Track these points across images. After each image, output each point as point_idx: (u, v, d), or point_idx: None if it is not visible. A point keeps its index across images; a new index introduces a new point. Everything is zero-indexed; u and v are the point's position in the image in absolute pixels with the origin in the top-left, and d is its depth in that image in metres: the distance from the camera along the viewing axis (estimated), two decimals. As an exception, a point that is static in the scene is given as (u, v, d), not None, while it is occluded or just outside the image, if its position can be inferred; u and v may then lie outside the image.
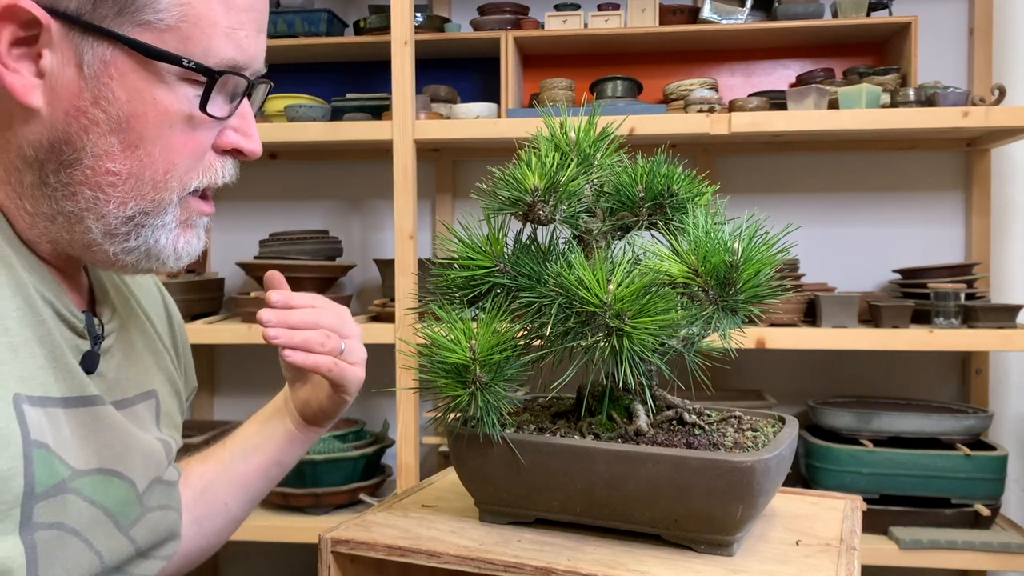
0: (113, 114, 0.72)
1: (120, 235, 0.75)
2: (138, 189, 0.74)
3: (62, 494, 0.73)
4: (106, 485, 0.79)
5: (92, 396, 0.79)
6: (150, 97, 0.73)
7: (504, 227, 0.78)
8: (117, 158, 0.73)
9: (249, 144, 0.79)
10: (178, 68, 0.72)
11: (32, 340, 0.74)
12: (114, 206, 0.74)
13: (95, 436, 0.79)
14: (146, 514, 0.84)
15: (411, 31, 1.95)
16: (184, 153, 0.75)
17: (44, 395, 0.74)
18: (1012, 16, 2.18)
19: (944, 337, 1.88)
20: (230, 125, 0.78)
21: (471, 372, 0.71)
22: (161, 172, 0.74)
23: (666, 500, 0.69)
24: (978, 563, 1.89)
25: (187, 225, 0.78)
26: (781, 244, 0.70)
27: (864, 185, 2.30)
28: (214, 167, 0.78)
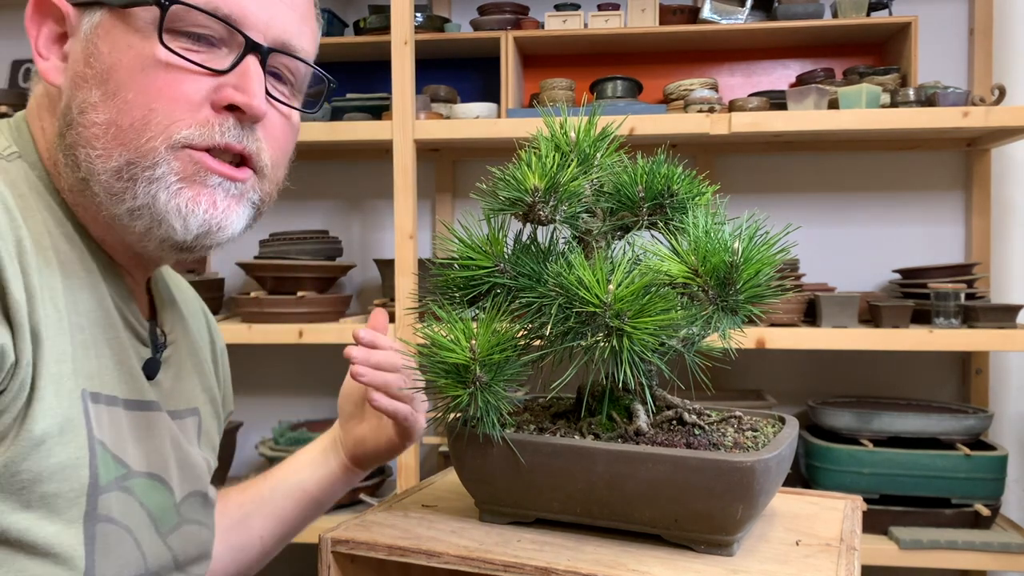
0: (97, 68, 0.74)
1: (117, 193, 0.74)
2: (119, 137, 0.73)
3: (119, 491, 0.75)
4: (152, 489, 0.80)
5: (150, 401, 0.82)
6: (125, 44, 0.74)
7: (504, 227, 0.78)
8: (99, 108, 0.73)
9: (243, 97, 0.75)
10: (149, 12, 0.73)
11: (102, 341, 0.76)
12: (102, 160, 0.73)
13: (148, 440, 0.81)
14: (183, 524, 0.85)
15: (411, 31, 1.95)
16: (162, 98, 0.73)
17: (110, 394, 0.76)
18: (1012, 16, 2.18)
19: (944, 337, 1.88)
20: (229, 83, 0.75)
21: (471, 372, 0.71)
22: (139, 117, 0.73)
23: (666, 500, 0.69)
24: (978, 563, 1.89)
25: (193, 182, 0.74)
26: (781, 244, 0.70)
27: (864, 185, 2.30)
28: (209, 122, 0.74)
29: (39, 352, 0.69)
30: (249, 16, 0.76)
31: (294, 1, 0.80)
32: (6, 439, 0.67)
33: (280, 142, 0.81)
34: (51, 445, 0.69)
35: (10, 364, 0.67)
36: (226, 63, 0.75)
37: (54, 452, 0.69)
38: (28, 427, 0.67)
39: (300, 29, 0.81)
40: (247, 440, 2.41)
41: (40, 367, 0.69)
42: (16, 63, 2.61)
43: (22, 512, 0.68)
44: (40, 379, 0.68)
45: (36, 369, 0.68)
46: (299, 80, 0.84)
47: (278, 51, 0.79)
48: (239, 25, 0.75)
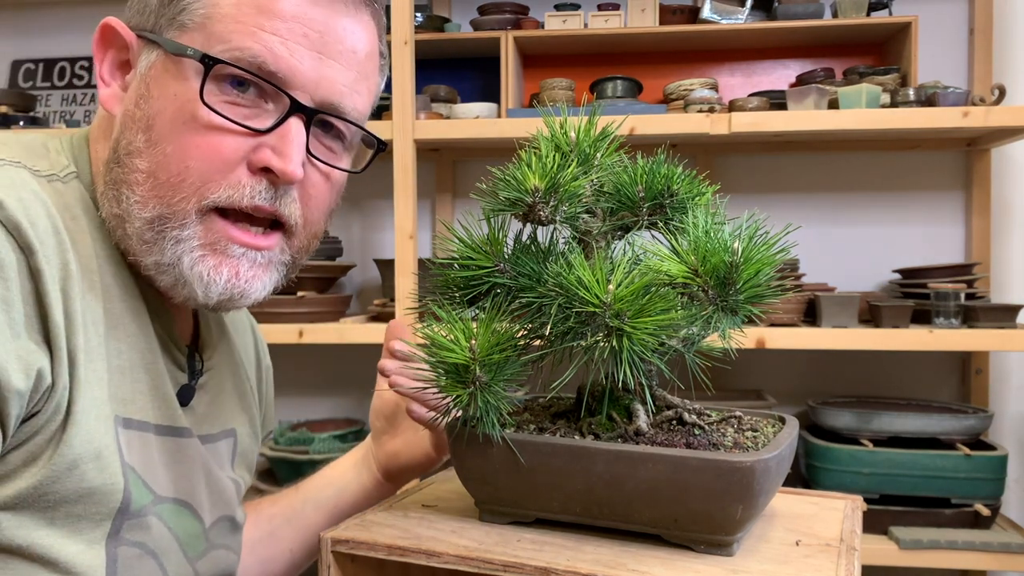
0: (145, 111, 0.74)
1: (148, 242, 0.74)
2: (156, 190, 0.73)
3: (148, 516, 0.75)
4: (180, 515, 0.80)
5: (181, 428, 0.82)
6: (171, 92, 0.73)
7: (504, 227, 0.78)
8: (143, 154, 0.73)
9: (279, 162, 0.73)
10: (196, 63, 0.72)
11: (140, 366, 0.76)
12: (139, 207, 0.74)
13: (177, 466, 0.81)
14: (211, 550, 0.86)
15: (411, 31, 1.95)
16: (197, 156, 0.72)
17: (142, 419, 0.76)
18: (1012, 16, 2.18)
19: (944, 337, 1.88)
20: (267, 143, 0.74)
21: (471, 372, 0.71)
22: (175, 173, 0.72)
23: (666, 500, 0.69)
24: (978, 563, 1.89)
25: (215, 251, 0.74)
26: (781, 244, 0.70)
27: (864, 185, 2.30)
28: (242, 183, 0.73)
29: (75, 376, 0.69)
30: (298, 76, 0.74)
31: (352, 59, 0.78)
32: (39, 460, 0.67)
33: (317, 201, 0.80)
34: (85, 469, 0.69)
35: (47, 386, 0.67)
36: (269, 121, 0.74)
37: (87, 476, 0.69)
38: (62, 451, 0.68)
39: (354, 88, 0.78)
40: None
41: (76, 391, 0.69)
42: (16, 63, 2.61)
43: (47, 529, 0.68)
44: (76, 403, 0.69)
45: (72, 393, 0.69)
46: (350, 136, 0.81)
47: (325, 113, 0.77)
48: (285, 86, 0.74)
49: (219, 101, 0.73)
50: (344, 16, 0.76)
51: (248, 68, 0.73)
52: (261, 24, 0.73)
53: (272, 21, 0.73)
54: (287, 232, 0.78)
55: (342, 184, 0.84)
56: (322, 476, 1.07)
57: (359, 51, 0.78)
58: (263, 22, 0.73)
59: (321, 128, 0.79)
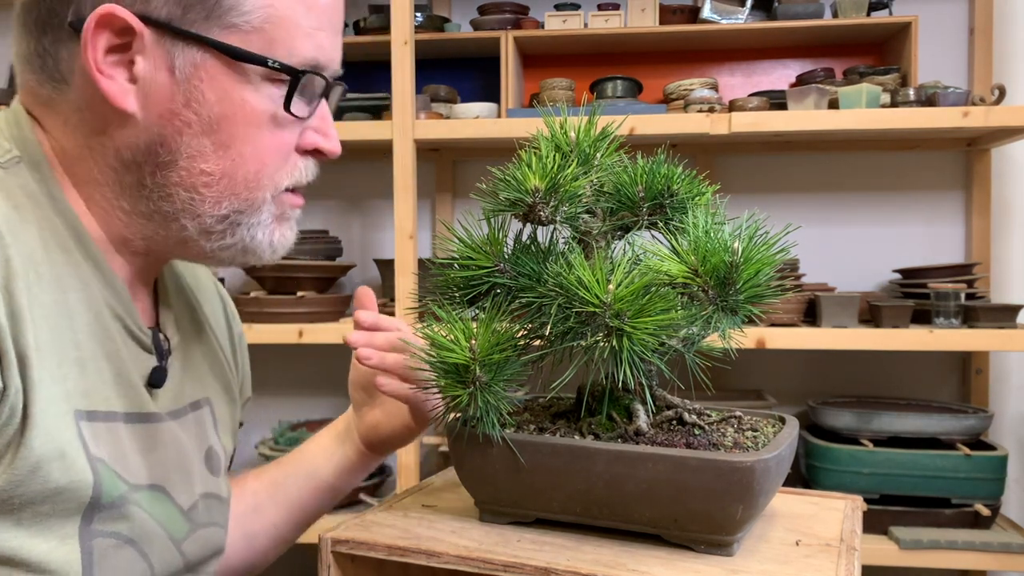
0: (204, 116, 0.74)
1: (216, 233, 0.77)
2: (231, 189, 0.76)
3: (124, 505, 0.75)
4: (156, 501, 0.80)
5: (151, 413, 0.81)
6: (239, 98, 0.75)
7: (504, 227, 0.78)
8: (210, 159, 0.75)
9: (329, 144, 0.81)
10: (263, 69, 0.74)
11: (100, 355, 0.75)
12: (209, 206, 0.76)
13: (150, 453, 0.80)
14: (197, 529, 0.85)
15: (411, 31, 1.95)
16: (272, 152, 0.77)
17: (108, 410, 0.75)
18: (1012, 16, 2.18)
19: (944, 337, 1.88)
20: (310, 126, 0.80)
21: (471, 372, 0.71)
22: (253, 172, 0.76)
23: (666, 500, 0.69)
24: (978, 563, 1.89)
25: (282, 219, 0.81)
26: (781, 244, 0.70)
27: (864, 185, 2.30)
28: (299, 167, 0.80)
29: (28, 377, 0.67)
30: (333, 62, 0.80)
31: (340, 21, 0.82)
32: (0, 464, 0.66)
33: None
34: (49, 470, 0.68)
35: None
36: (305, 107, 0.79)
37: (52, 477, 0.68)
38: (23, 454, 0.66)
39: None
40: (247, 440, 2.41)
41: (31, 392, 0.67)
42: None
43: (14, 530, 0.67)
44: (32, 405, 0.67)
45: (27, 395, 0.67)
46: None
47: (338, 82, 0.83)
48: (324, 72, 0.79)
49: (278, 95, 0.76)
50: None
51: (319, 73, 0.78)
52: (311, 23, 0.76)
53: (319, 17, 0.77)
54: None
55: None
56: (304, 450, 1.06)
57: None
58: (312, 20, 0.77)
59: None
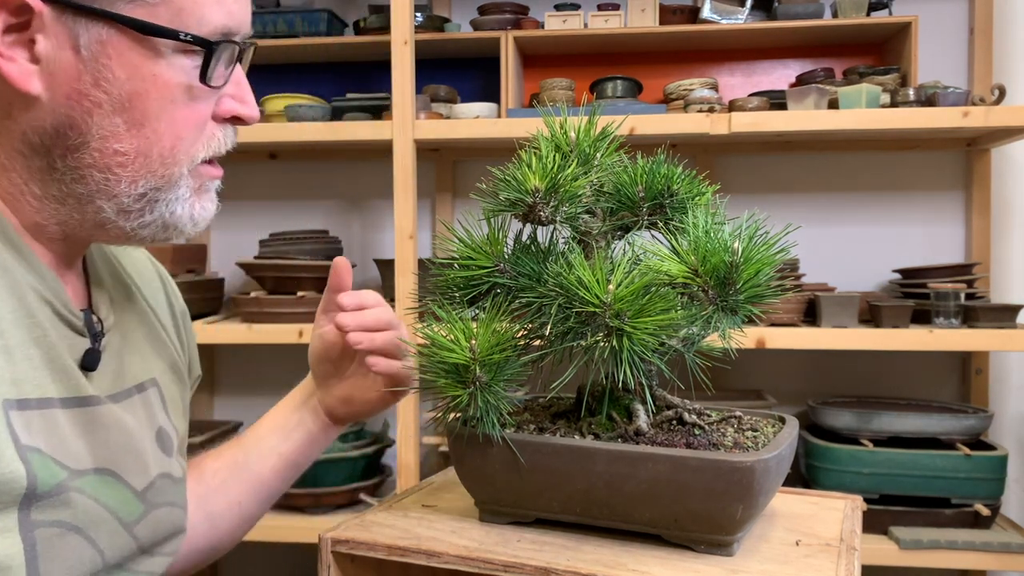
0: (115, 94, 0.72)
1: (134, 211, 0.75)
2: (147, 167, 0.74)
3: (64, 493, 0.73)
4: (104, 485, 0.78)
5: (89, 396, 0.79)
6: (149, 73, 0.72)
7: (504, 227, 0.78)
8: (123, 138, 0.73)
9: (246, 110, 0.79)
10: (174, 42, 0.72)
11: (28, 342, 0.73)
12: (125, 185, 0.74)
13: (92, 436, 0.78)
14: (150, 511, 0.84)
15: (411, 31, 1.95)
16: (188, 126, 0.75)
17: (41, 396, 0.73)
18: (1012, 16, 2.18)
19: (944, 337, 1.88)
20: (226, 93, 0.78)
21: (471, 372, 0.71)
22: (168, 147, 0.74)
23: (666, 500, 0.69)
24: (978, 563, 1.89)
25: (201, 191, 0.79)
26: (781, 244, 0.70)
27: (864, 185, 2.30)
28: (216, 136, 0.77)
29: None
30: (244, 25, 0.77)
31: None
32: None
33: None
34: None
35: None
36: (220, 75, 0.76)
37: None
38: None
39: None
40: (247, 440, 2.41)
41: None
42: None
43: None
44: None
45: None
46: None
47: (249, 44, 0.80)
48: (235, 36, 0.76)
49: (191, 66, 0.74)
50: None
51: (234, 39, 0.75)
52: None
53: None
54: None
55: None
56: (262, 426, 1.06)
57: None
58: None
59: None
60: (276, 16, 2.23)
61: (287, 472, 1.05)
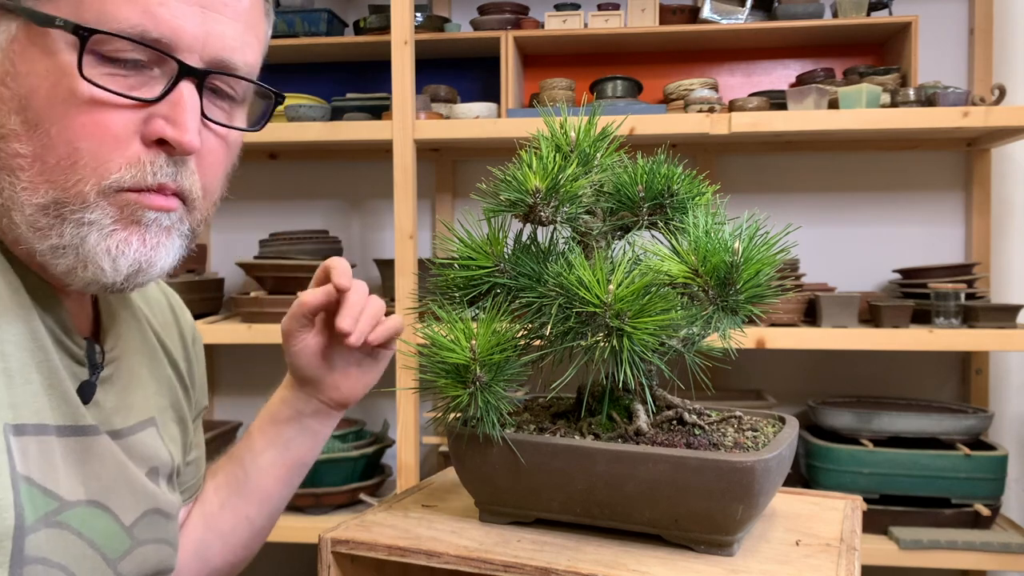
0: (16, 90, 0.67)
1: (42, 228, 0.68)
2: (45, 174, 0.67)
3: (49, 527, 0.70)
4: (93, 517, 0.76)
5: (86, 426, 0.76)
6: (43, 69, 0.67)
7: (504, 227, 0.78)
8: (22, 138, 0.67)
9: (174, 132, 0.67)
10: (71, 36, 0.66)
11: (30, 366, 0.71)
12: (27, 194, 0.67)
13: (85, 467, 0.76)
14: (137, 547, 0.81)
15: (411, 31, 1.95)
16: (85, 135, 0.67)
17: (39, 423, 0.71)
18: (1012, 16, 2.18)
19: (944, 337, 1.88)
20: (159, 113, 0.68)
21: (471, 372, 0.71)
22: (64, 156, 0.67)
23: (666, 500, 0.69)
24: (978, 563, 1.89)
25: (131, 223, 0.69)
26: (781, 244, 0.70)
27: (864, 185, 2.30)
28: (140, 160, 0.68)
29: None
30: (184, 37, 0.68)
31: (237, 8, 0.72)
32: None
33: (215, 167, 0.75)
34: None
35: None
36: (157, 89, 0.68)
37: None
38: None
39: (244, 40, 0.73)
40: (247, 440, 2.41)
41: None
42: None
43: None
44: None
45: None
46: (241, 92, 0.76)
47: (216, 72, 0.71)
48: (171, 49, 0.68)
49: (99, 74, 0.66)
50: None
51: (129, 36, 0.66)
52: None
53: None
54: (187, 205, 0.73)
55: (239, 144, 0.79)
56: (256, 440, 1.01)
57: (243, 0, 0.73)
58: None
59: (212, 89, 0.74)
60: (276, 16, 2.22)
61: (293, 476, 1.02)
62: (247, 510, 1.01)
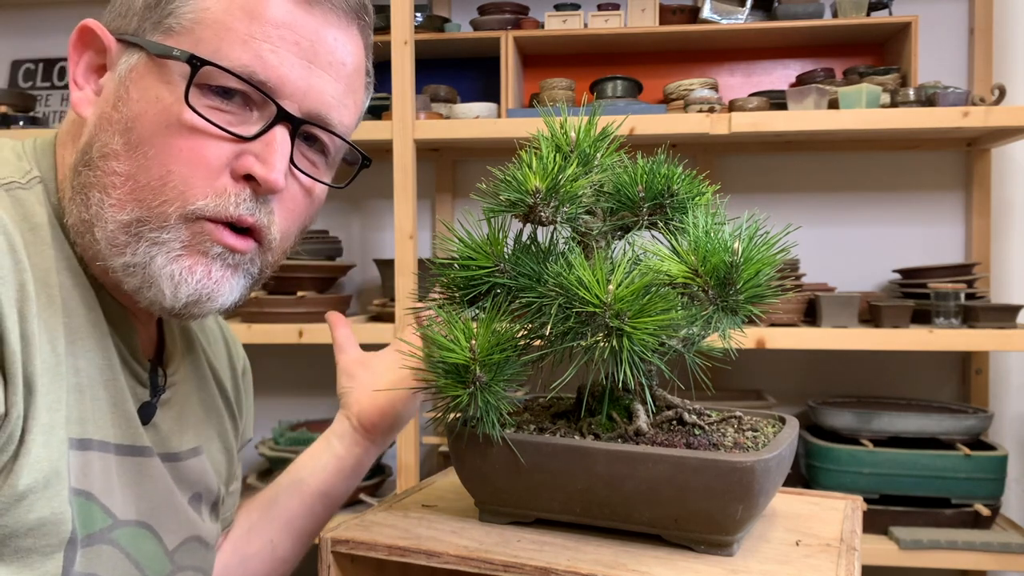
0: (124, 113, 0.71)
1: (119, 245, 0.71)
2: (135, 193, 0.71)
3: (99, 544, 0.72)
4: (141, 538, 0.78)
5: (143, 447, 0.79)
6: (154, 96, 0.71)
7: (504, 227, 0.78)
8: (121, 157, 0.71)
9: (262, 170, 0.71)
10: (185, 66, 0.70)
11: (99, 383, 0.74)
12: (114, 210, 0.71)
13: (138, 487, 0.78)
14: (177, 572, 0.83)
15: (411, 31, 1.95)
16: (181, 160, 0.70)
17: (102, 439, 0.74)
18: (1012, 16, 2.18)
19: (944, 337, 1.88)
20: (252, 151, 0.72)
21: (471, 372, 0.71)
22: (157, 177, 0.70)
23: (666, 500, 0.69)
24: (978, 563, 1.89)
25: (196, 251, 0.72)
26: (781, 244, 0.70)
27: (864, 185, 2.30)
28: (227, 191, 0.71)
29: (31, 402, 0.66)
30: (287, 85, 0.72)
31: (341, 71, 0.76)
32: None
33: (295, 214, 0.78)
34: (33, 500, 0.66)
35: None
36: (254, 128, 0.72)
37: (35, 507, 0.66)
38: (12, 482, 0.65)
39: (342, 101, 0.77)
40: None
41: (31, 418, 0.66)
42: (16, 63, 2.61)
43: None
44: (30, 432, 0.66)
45: (27, 421, 0.66)
46: (334, 149, 0.80)
47: (311, 123, 0.75)
48: (274, 94, 0.72)
49: (203, 106, 0.71)
50: (335, 27, 0.75)
51: (238, 74, 0.71)
52: (252, 32, 0.71)
53: (264, 28, 0.71)
54: (262, 245, 0.76)
55: (322, 200, 0.82)
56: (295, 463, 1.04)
57: (348, 64, 0.77)
58: (254, 29, 0.71)
59: (305, 140, 0.77)
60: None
61: (316, 505, 1.01)
62: (271, 534, 1.01)
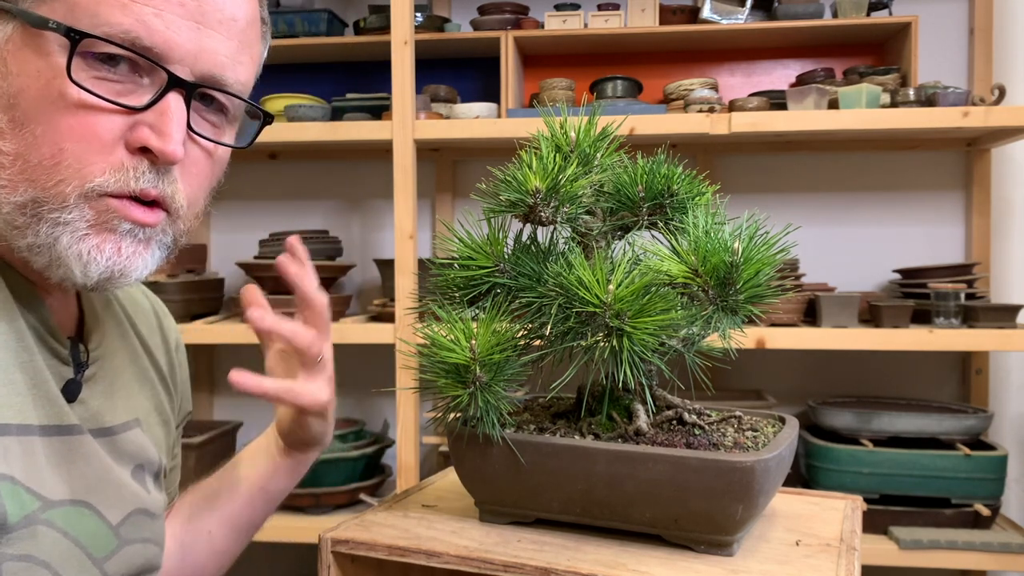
0: (5, 89, 0.68)
1: (19, 227, 0.69)
2: (26, 173, 0.68)
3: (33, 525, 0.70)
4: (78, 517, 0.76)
5: (70, 425, 0.77)
6: (34, 69, 0.68)
7: (504, 227, 0.78)
8: (7, 136, 0.68)
9: (158, 142, 0.68)
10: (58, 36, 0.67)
11: (13, 365, 0.72)
12: (6, 192, 0.68)
13: (70, 466, 0.76)
14: (124, 547, 0.81)
15: (411, 31, 1.95)
16: (72, 138, 0.67)
17: (21, 423, 0.71)
18: (1012, 16, 2.18)
19: (944, 337, 1.88)
20: (145, 121, 0.69)
21: (471, 372, 0.71)
22: (48, 156, 0.67)
23: (666, 500, 0.69)
24: (978, 563, 1.89)
25: (102, 228, 0.69)
26: (781, 244, 0.70)
27: (864, 185, 2.30)
28: (124, 166, 0.68)
29: None
30: (175, 48, 0.69)
31: (232, 27, 0.73)
32: None
33: (200, 179, 0.76)
34: None
35: None
36: (146, 97, 0.69)
37: None
38: None
39: (237, 59, 0.74)
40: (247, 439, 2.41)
41: None
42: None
43: None
44: None
45: None
46: (233, 108, 0.78)
47: (206, 87, 0.72)
48: (162, 60, 0.68)
49: (88, 78, 0.67)
50: None
51: (120, 43, 0.67)
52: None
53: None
54: (170, 213, 0.73)
55: (225, 160, 0.80)
56: (235, 459, 1.04)
57: (239, 18, 0.74)
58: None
59: (202, 102, 0.74)
60: (276, 16, 2.23)
61: (256, 500, 1.01)
62: (209, 524, 1.00)
